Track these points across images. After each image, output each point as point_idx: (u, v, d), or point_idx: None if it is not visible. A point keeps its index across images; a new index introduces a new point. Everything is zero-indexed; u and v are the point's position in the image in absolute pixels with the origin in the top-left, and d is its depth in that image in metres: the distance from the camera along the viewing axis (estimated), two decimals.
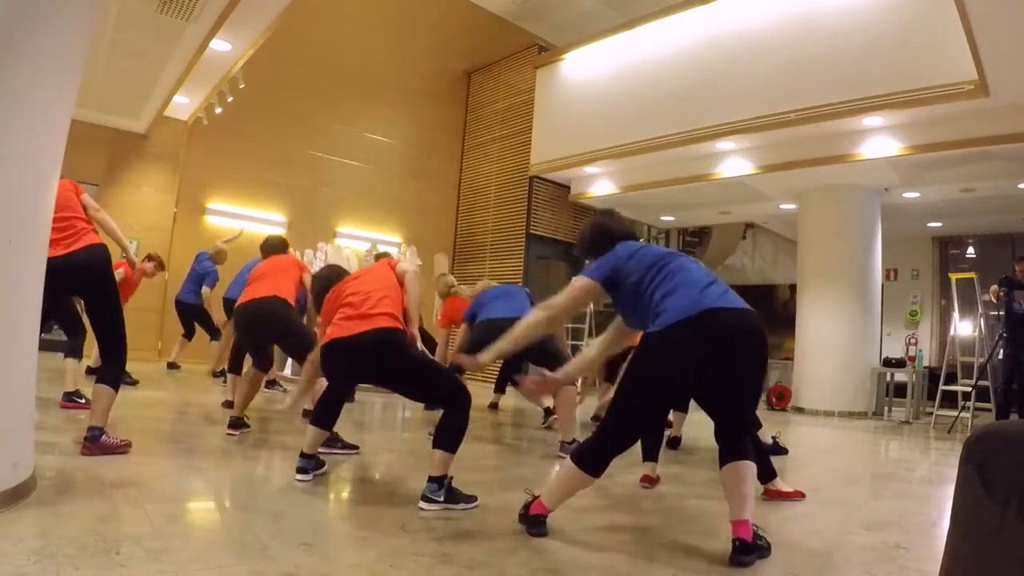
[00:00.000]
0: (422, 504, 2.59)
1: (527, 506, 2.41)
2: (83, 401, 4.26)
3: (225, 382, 5.63)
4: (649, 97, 8.29)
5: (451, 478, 2.66)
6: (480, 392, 7.78)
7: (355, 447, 3.70)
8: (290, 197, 9.71)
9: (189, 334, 7.23)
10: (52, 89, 2.31)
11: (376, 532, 2.28)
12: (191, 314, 7.06)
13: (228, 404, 4.78)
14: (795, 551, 2.37)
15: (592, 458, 2.28)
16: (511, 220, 10.42)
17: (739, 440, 2.29)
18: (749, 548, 2.16)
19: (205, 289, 6.97)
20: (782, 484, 3.23)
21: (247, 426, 4.06)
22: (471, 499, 2.66)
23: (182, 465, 3.09)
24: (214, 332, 7.11)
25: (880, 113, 6.51)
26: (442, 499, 2.60)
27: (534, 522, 2.34)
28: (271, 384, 6.57)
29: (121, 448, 3.08)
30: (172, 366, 7.43)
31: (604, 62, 9.12)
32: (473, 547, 2.17)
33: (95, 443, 3.02)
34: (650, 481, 3.33)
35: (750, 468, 2.26)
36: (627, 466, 3.95)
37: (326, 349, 2.89)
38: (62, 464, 2.80)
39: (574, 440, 4.02)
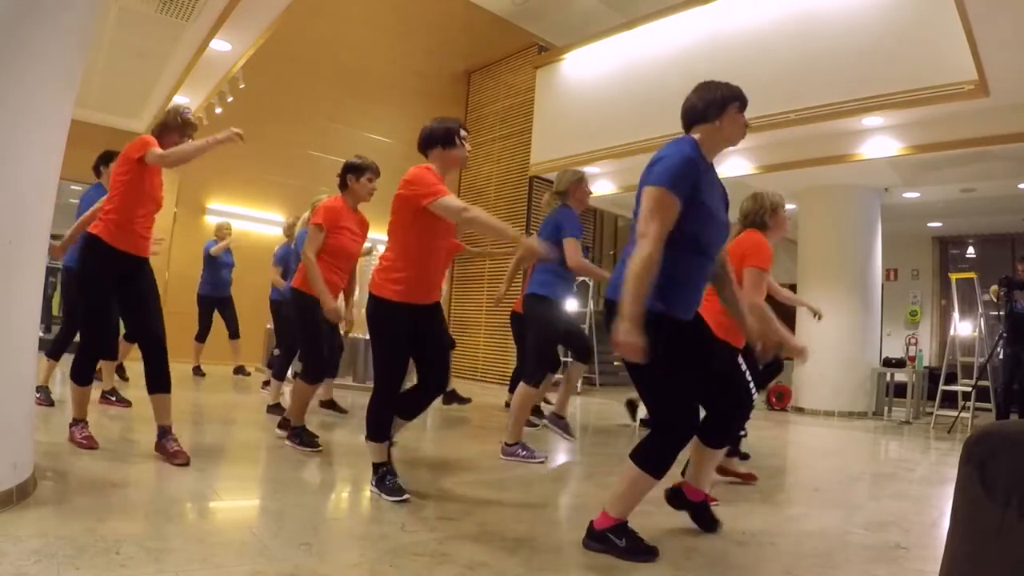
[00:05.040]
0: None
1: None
2: (114, 399, 4.50)
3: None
4: (649, 97, 8.28)
5: (383, 465, 2.78)
6: (482, 392, 7.78)
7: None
8: (290, 197, 9.70)
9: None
10: (53, 89, 2.31)
11: (376, 532, 2.28)
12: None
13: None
14: (795, 551, 2.37)
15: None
16: (511, 220, 10.40)
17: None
18: (594, 535, 2.22)
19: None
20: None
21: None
22: (400, 492, 2.68)
23: (182, 465, 3.08)
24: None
25: (880, 113, 6.50)
26: (373, 483, 2.78)
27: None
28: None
29: (81, 443, 3.10)
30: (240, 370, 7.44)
31: (604, 62, 9.11)
32: (473, 547, 2.17)
33: (69, 430, 3.18)
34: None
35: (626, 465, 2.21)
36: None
37: None
38: (62, 464, 2.80)
39: (517, 443, 3.84)
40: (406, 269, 2.74)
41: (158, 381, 3.08)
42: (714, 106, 2.27)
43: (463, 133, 2.89)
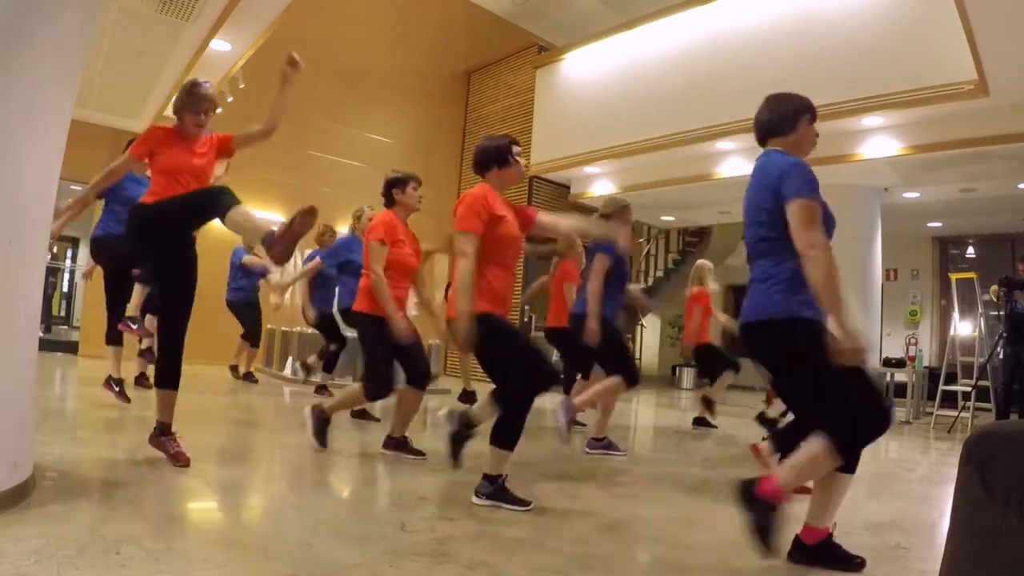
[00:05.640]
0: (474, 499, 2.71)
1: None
2: (117, 390, 4.37)
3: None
4: (649, 97, 8.28)
5: (503, 478, 2.70)
6: (483, 392, 7.78)
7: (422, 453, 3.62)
8: (290, 197, 9.70)
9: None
10: (53, 89, 2.31)
11: (376, 532, 2.28)
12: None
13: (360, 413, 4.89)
14: None
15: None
16: None
17: None
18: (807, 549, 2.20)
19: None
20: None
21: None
22: (523, 503, 2.65)
23: (183, 466, 3.08)
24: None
25: (880, 113, 6.50)
26: (490, 494, 2.68)
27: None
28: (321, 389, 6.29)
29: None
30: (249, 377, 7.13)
31: (604, 62, 9.11)
32: (473, 547, 2.17)
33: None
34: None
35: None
36: (626, 466, 3.96)
37: None
38: (62, 464, 2.80)
39: (606, 438, 4.19)
40: (489, 282, 2.72)
41: (168, 375, 2.99)
42: (786, 120, 2.31)
43: (516, 149, 2.91)
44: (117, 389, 4.43)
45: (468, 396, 6.15)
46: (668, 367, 13.15)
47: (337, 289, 5.54)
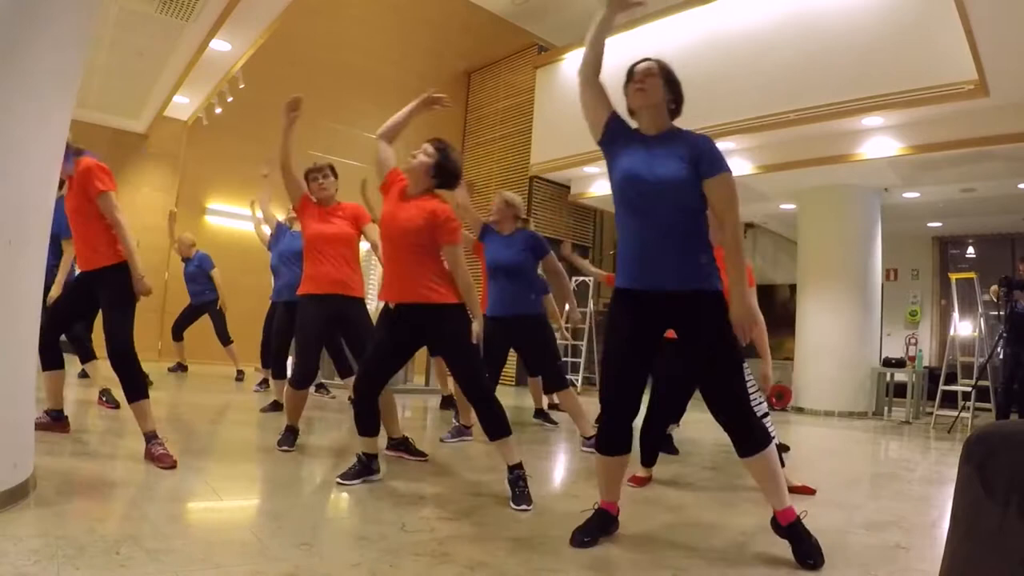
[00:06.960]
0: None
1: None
2: (104, 399, 4.48)
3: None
4: None
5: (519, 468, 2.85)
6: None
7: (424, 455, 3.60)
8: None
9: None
10: (53, 90, 2.31)
11: (376, 532, 2.28)
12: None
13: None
14: None
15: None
16: None
17: None
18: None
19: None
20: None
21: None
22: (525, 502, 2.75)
23: (182, 465, 3.08)
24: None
25: (880, 113, 6.51)
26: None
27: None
28: (319, 387, 6.27)
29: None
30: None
31: (604, 62, 9.11)
32: (473, 547, 2.17)
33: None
34: (639, 481, 3.33)
35: None
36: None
37: None
38: (62, 464, 2.80)
39: (592, 437, 4.14)
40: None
41: (125, 391, 2.99)
42: None
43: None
44: (104, 399, 4.46)
45: (447, 401, 5.95)
46: None
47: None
